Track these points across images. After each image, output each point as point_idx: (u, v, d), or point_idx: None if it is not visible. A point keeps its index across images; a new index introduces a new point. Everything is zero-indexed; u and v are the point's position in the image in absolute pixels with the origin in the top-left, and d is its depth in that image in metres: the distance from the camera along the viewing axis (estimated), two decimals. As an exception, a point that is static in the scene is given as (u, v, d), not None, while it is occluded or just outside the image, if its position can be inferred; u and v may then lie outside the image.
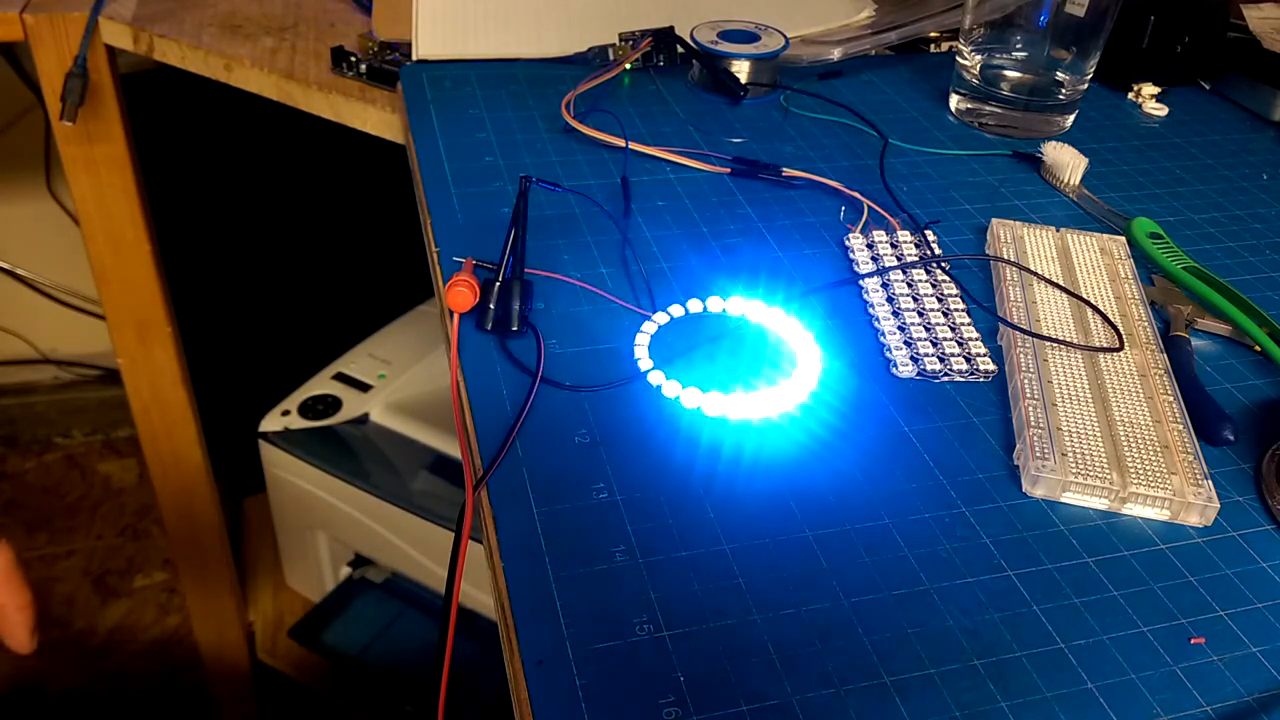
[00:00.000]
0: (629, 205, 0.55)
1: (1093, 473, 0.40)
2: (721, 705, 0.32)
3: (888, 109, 0.68)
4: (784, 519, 0.38)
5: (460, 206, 0.54)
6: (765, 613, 0.35)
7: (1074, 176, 0.60)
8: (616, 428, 0.41)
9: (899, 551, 0.37)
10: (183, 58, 0.75)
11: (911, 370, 0.45)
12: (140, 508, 1.46)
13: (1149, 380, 0.45)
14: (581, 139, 0.60)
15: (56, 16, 0.76)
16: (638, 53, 0.68)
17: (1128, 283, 0.51)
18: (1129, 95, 0.73)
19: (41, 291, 1.43)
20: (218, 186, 1.17)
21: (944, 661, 0.34)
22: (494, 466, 0.39)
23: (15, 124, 1.29)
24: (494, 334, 0.45)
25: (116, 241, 0.89)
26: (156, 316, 0.94)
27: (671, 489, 0.39)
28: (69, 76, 0.76)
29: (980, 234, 0.56)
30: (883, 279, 0.50)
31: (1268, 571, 0.38)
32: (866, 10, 0.76)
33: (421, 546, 1.04)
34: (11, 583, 0.51)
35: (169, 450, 1.02)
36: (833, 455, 0.41)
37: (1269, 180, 0.64)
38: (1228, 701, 0.33)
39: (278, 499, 1.13)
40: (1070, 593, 0.36)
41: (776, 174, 0.58)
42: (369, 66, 0.69)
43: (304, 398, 1.10)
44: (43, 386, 1.52)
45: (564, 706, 0.31)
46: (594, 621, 0.34)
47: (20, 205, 1.36)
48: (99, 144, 0.83)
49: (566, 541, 0.36)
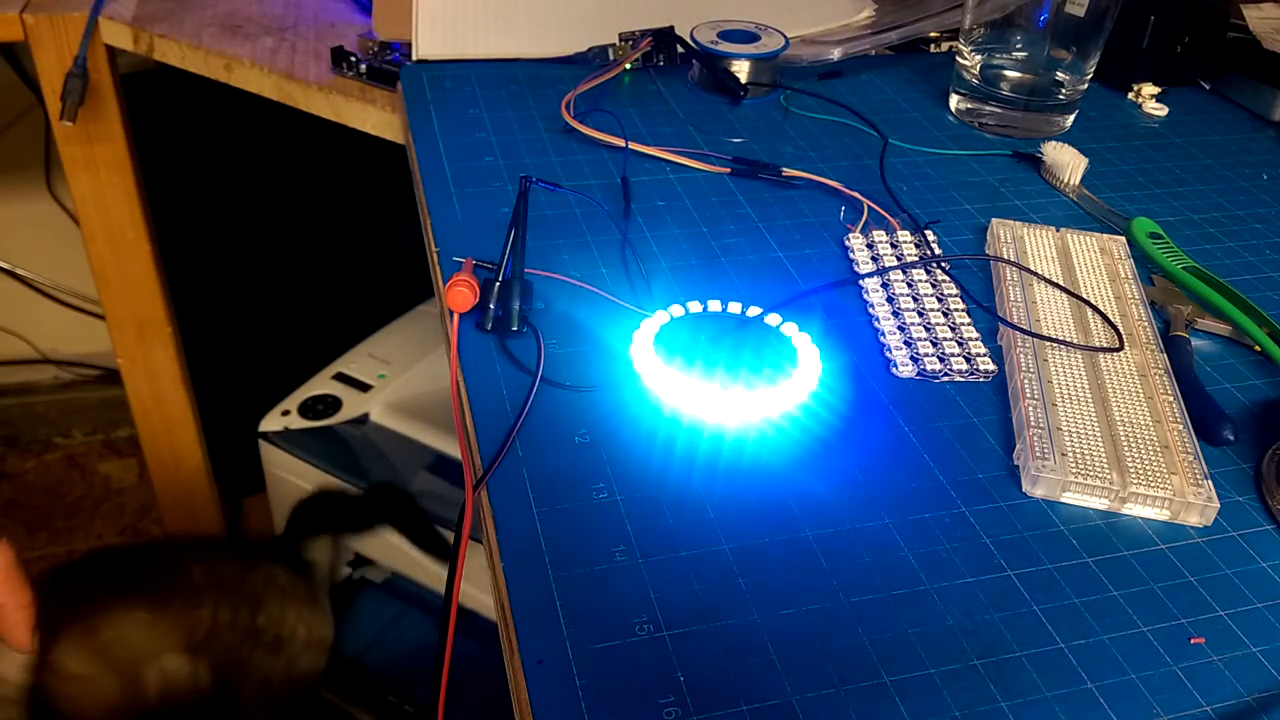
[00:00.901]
0: (629, 205, 0.55)
1: (1093, 473, 0.40)
2: (721, 705, 0.32)
3: (888, 109, 0.68)
4: (784, 519, 0.38)
5: (460, 206, 0.54)
6: (765, 613, 0.35)
7: (1074, 176, 0.60)
8: (617, 428, 0.41)
9: (899, 551, 0.37)
10: (183, 58, 0.75)
11: (911, 370, 0.45)
12: (140, 508, 1.46)
13: (1149, 380, 0.45)
14: (581, 139, 0.60)
15: (56, 16, 0.76)
16: (638, 53, 0.68)
17: (1128, 283, 0.51)
18: (1129, 95, 0.72)
19: (41, 291, 1.43)
20: (218, 186, 1.17)
21: (944, 661, 0.34)
22: (494, 466, 0.39)
23: (15, 124, 1.29)
24: (494, 334, 0.45)
25: (116, 241, 0.89)
26: (156, 316, 0.94)
27: (671, 489, 0.39)
28: (69, 76, 0.76)
29: (980, 234, 0.56)
30: (883, 279, 0.50)
31: (1268, 571, 0.38)
32: (866, 10, 0.76)
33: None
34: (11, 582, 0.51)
35: (169, 450, 1.02)
36: (833, 455, 0.41)
37: (1269, 180, 0.64)
38: (1228, 701, 0.33)
39: (278, 499, 1.13)
40: (1070, 593, 0.36)
41: (776, 174, 0.58)
42: (369, 66, 0.69)
43: (304, 398, 1.10)
44: (43, 386, 1.52)
45: (564, 706, 0.31)
46: (594, 621, 0.34)
47: (20, 205, 1.36)
48: (99, 144, 0.83)
49: (566, 541, 0.36)
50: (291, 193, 1.20)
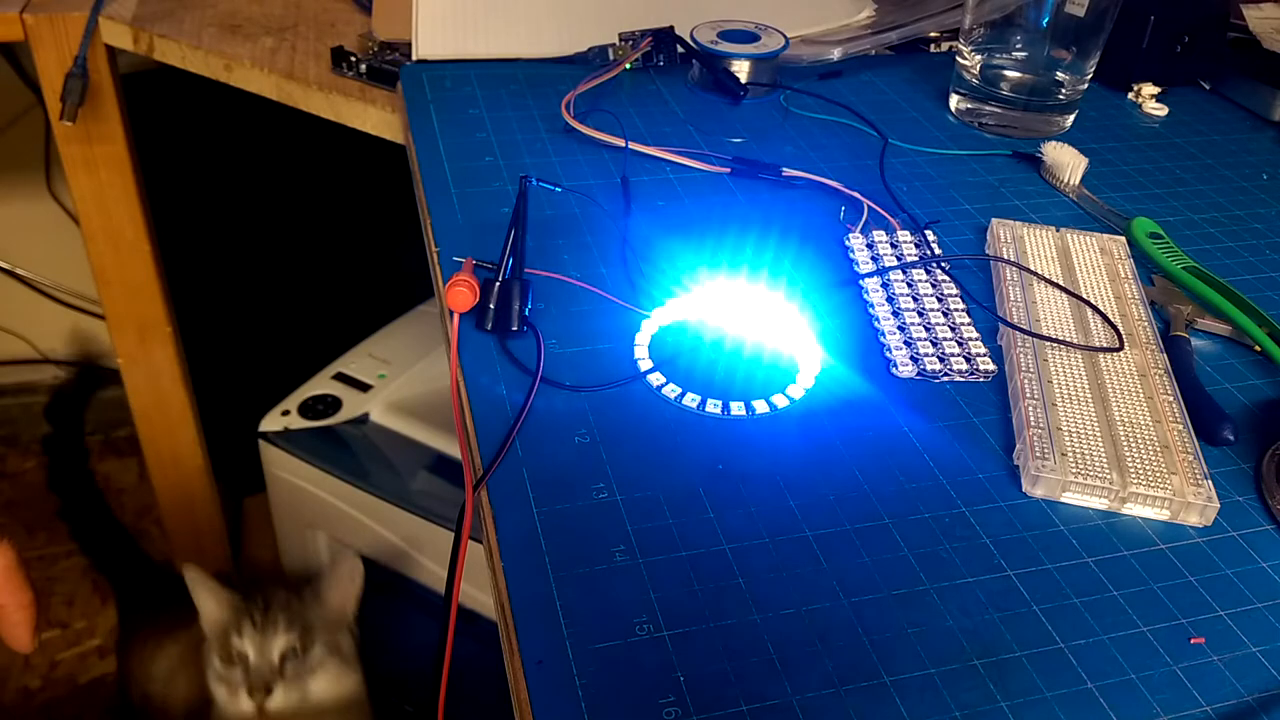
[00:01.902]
0: (629, 205, 0.55)
1: (1093, 473, 0.40)
2: (721, 705, 0.32)
3: (888, 109, 0.68)
4: (784, 519, 0.38)
5: (460, 206, 0.54)
6: (765, 613, 0.35)
7: (1074, 176, 0.60)
8: (616, 428, 0.41)
9: (899, 551, 0.37)
10: (183, 58, 0.75)
11: (911, 370, 0.45)
12: (140, 508, 1.46)
13: (1149, 380, 0.45)
14: (581, 139, 0.60)
15: (56, 16, 0.76)
16: (638, 53, 0.68)
17: (1128, 283, 0.51)
18: (1129, 95, 0.72)
19: (41, 291, 1.43)
20: (218, 187, 1.17)
21: (944, 661, 0.34)
22: (494, 466, 0.39)
23: (15, 124, 1.29)
24: (494, 334, 0.45)
25: (116, 241, 0.89)
26: (156, 316, 0.94)
27: (671, 489, 0.39)
28: (69, 76, 0.76)
29: (980, 234, 0.56)
30: (883, 279, 0.50)
31: (1268, 571, 0.38)
32: (866, 10, 0.76)
33: (421, 546, 1.04)
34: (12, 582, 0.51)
35: (169, 450, 1.02)
36: (833, 455, 0.41)
37: (1269, 180, 0.64)
38: (1228, 701, 0.33)
39: (278, 499, 1.13)
40: (1070, 593, 0.36)
41: (776, 174, 0.58)
42: (369, 66, 0.69)
43: (304, 398, 1.10)
44: (43, 386, 1.52)
45: (564, 706, 0.31)
46: (594, 621, 0.34)
47: (20, 205, 1.36)
48: (99, 144, 0.83)
49: (566, 541, 0.36)
50: (291, 193, 1.20)
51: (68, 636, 1.30)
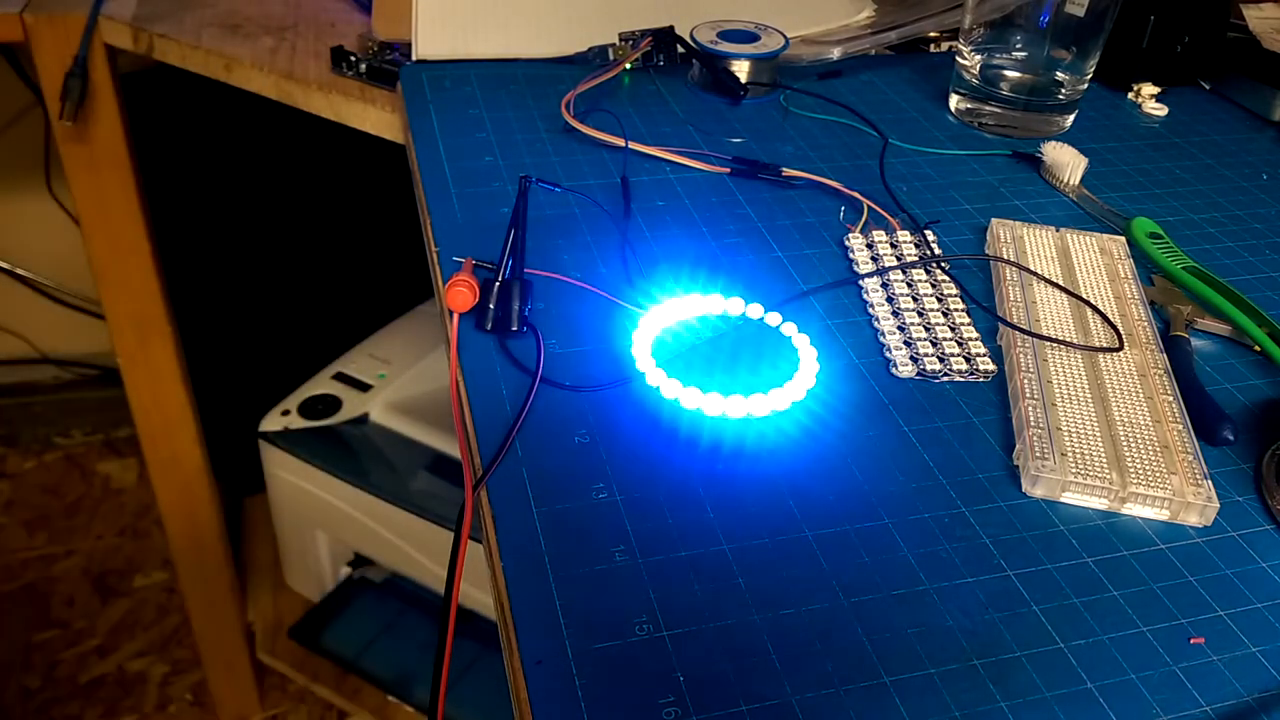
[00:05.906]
0: (629, 205, 0.55)
1: (1092, 473, 0.40)
2: (721, 705, 0.32)
3: (888, 109, 0.68)
4: (784, 519, 0.38)
5: (460, 206, 0.54)
6: (765, 613, 0.35)
7: (1074, 176, 0.60)
8: (616, 428, 0.41)
9: (899, 551, 0.37)
10: (183, 58, 0.75)
11: (911, 370, 0.45)
12: (140, 508, 1.46)
13: (1149, 380, 0.45)
14: (581, 139, 0.60)
15: (56, 16, 0.76)
16: (638, 53, 0.68)
17: (1128, 283, 0.51)
18: (1129, 95, 0.72)
19: (41, 291, 1.43)
20: (218, 186, 1.17)
21: (944, 661, 0.34)
22: (494, 466, 0.39)
23: (15, 124, 1.29)
24: (494, 334, 0.45)
25: (116, 241, 0.89)
26: (156, 316, 0.94)
27: (671, 489, 0.39)
28: (69, 76, 0.76)
29: (980, 234, 0.56)
30: (882, 279, 0.50)
31: (1268, 571, 0.38)
32: (866, 10, 0.76)
33: (421, 546, 1.04)
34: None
35: (169, 450, 1.02)
36: (833, 455, 0.41)
37: (1269, 180, 0.64)
38: (1228, 701, 0.33)
39: (278, 499, 1.13)
40: (1070, 593, 0.36)
41: (776, 174, 0.58)
42: (369, 66, 0.69)
43: (304, 398, 1.10)
44: (43, 386, 1.52)
45: (564, 706, 0.31)
46: (594, 621, 0.34)
47: (20, 205, 1.36)
48: (99, 144, 0.83)
49: (566, 541, 0.36)
50: (291, 192, 1.20)
51: (68, 636, 1.30)
